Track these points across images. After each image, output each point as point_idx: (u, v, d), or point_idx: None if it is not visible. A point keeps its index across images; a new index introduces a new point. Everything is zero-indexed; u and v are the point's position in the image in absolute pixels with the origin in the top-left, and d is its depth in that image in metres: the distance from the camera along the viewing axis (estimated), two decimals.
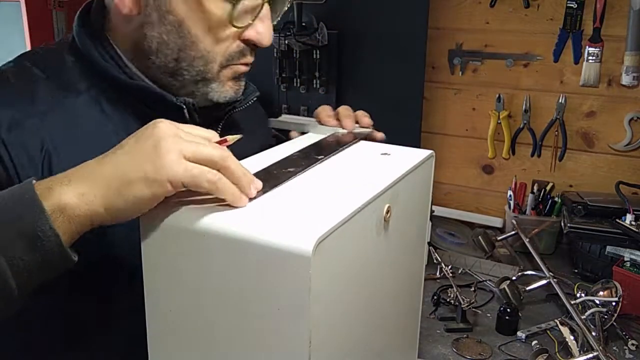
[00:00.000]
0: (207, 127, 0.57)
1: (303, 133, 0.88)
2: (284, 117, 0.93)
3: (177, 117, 0.72)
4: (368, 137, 0.84)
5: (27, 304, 0.55)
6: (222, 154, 0.54)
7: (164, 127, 0.53)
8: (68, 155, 0.66)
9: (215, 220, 0.52)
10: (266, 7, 0.71)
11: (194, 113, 0.74)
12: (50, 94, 0.69)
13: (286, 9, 0.79)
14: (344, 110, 0.89)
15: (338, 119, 0.88)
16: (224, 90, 0.75)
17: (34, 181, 0.52)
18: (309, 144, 0.78)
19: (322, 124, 0.88)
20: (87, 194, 0.52)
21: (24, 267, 0.50)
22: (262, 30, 0.72)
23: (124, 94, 0.72)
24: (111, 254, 0.67)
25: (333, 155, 0.72)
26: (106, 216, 0.53)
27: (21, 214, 0.50)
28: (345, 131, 0.85)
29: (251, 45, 0.74)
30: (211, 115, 0.79)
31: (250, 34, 0.72)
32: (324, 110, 0.90)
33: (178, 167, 0.51)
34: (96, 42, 0.72)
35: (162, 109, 0.71)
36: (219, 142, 0.59)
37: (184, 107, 0.73)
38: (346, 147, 0.76)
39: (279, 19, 0.79)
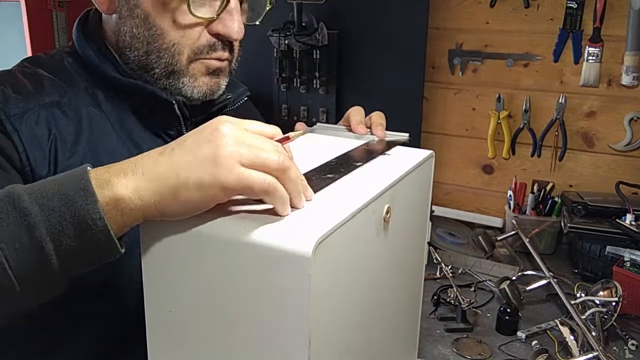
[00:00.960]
0: (197, 126, 0.56)
1: None
2: (320, 125, 0.92)
3: (168, 113, 0.75)
4: (404, 144, 0.83)
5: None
6: (280, 163, 0.52)
7: (225, 131, 0.52)
8: (72, 146, 0.70)
9: (215, 222, 0.52)
10: (234, 1, 0.72)
11: (184, 109, 0.77)
12: (55, 89, 0.73)
13: (268, 8, 0.79)
14: (377, 118, 0.87)
15: (369, 126, 0.87)
16: (196, 85, 0.76)
17: (88, 168, 0.53)
18: (337, 152, 0.77)
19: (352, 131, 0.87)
20: (142, 189, 0.52)
21: (69, 250, 0.51)
22: (230, 24, 0.73)
23: (119, 92, 0.75)
24: None
25: (363, 164, 0.71)
26: (156, 213, 0.53)
27: (74, 199, 0.50)
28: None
29: (224, 40, 0.75)
30: (202, 114, 0.81)
31: (217, 27, 0.73)
32: (355, 116, 0.88)
33: (233, 176, 0.51)
34: (92, 45, 0.76)
35: (154, 105, 0.75)
36: (282, 140, 0.58)
37: (174, 103, 0.75)
38: (377, 156, 0.75)
39: (260, 19, 0.79)
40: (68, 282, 0.54)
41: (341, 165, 0.69)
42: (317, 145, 0.81)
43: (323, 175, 0.64)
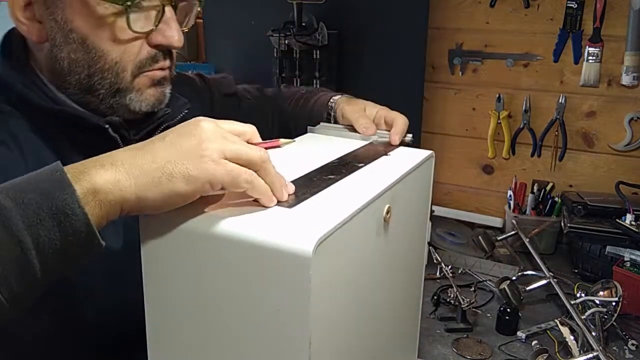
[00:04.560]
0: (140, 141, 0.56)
1: None
2: (323, 125, 0.92)
3: (103, 135, 0.72)
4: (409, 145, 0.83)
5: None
6: (262, 155, 0.55)
7: (207, 126, 0.54)
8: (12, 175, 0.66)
9: (215, 222, 0.52)
10: (169, 10, 0.71)
11: (122, 130, 0.74)
12: None
13: (198, 10, 0.78)
14: (402, 125, 0.86)
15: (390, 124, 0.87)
16: (143, 98, 0.74)
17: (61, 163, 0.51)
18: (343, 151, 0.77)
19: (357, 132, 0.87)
20: (122, 181, 0.51)
21: (49, 246, 0.49)
22: (169, 34, 0.72)
23: (51, 119, 0.71)
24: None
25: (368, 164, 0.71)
26: (136, 205, 0.52)
27: (50, 190, 0.49)
28: (383, 140, 0.85)
29: (163, 50, 0.74)
30: (143, 129, 0.78)
31: (157, 38, 0.72)
32: (360, 120, 0.88)
33: (219, 168, 0.52)
34: (18, 71, 0.72)
35: (88, 130, 0.72)
36: (272, 143, 0.60)
37: (107, 126, 0.72)
38: (379, 157, 0.75)
39: (192, 22, 0.78)
40: (49, 284, 0.52)
41: (343, 166, 0.69)
42: (319, 145, 0.81)
43: (325, 176, 0.64)
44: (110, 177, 0.51)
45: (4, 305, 0.47)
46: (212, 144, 0.52)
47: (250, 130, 0.59)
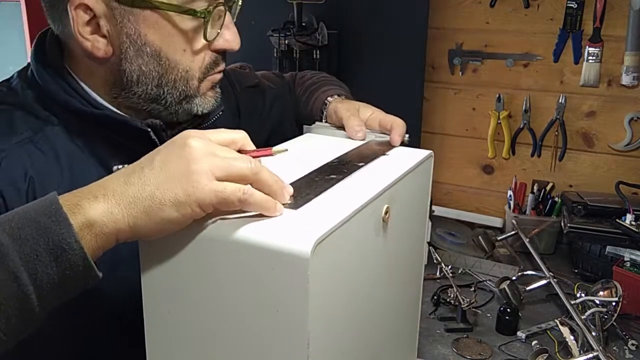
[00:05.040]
0: None
1: None
2: (318, 125, 0.92)
3: (144, 139, 0.72)
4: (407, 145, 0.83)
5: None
6: (253, 167, 0.53)
7: (195, 144, 0.52)
8: (50, 184, 0.67)
9: (214, 223, 0.52)
10: (228, 14, 0.73)
11: (161, 133, 0.74)
12: (27, 124, 0.69)
13: (239, 8, 0.79)
14: (401, 128, 0.85)
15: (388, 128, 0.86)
16: (205, 101, 0.76)
17: (57, 195, 0.51)
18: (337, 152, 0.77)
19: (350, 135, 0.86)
20: (115, 212, 0.51)
21: (46, 281, 0.48)
22: (230, 38, 0.74)
23: (91, 124, 0.71)
24: None
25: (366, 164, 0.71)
26: (130, 235, 0.52)
27: (46, 225, 0.48)
28: (380, 139, 0.84)
29: (223, 53, 0.76)
30: (181, 131, 0.79)
31: (220, 43, 0.73)
32: (351, 120, 0.86)
33: (208, 191, 0.50)
34: (55, 76, 0.71)
35: (128, 134, 0.72)
36: (264, 152, 0.59)
37: (149, 130, 0.72)
38: (378, 156, 0.75)
39: (234, 20, 0.79)
40: (46, 316, 0.52)
41: (343, 166, 0.68)
42: (317, 145, 0.81)
43: (326, 177, 0.64)
44: (103, 209, 0.50)
45: (1, 339, 0.48)
46: (200, 164, 0.51)
47: (240, 137, 0.58)
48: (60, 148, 0.70)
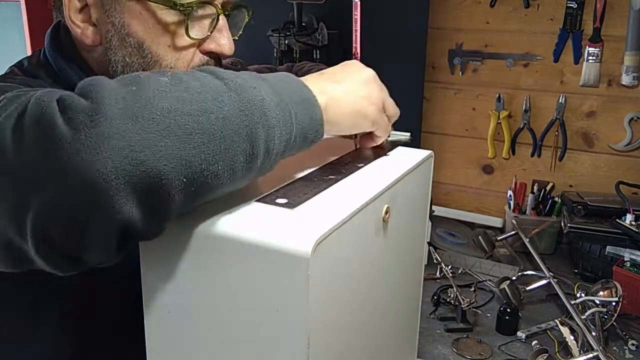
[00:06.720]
0: None
1: None
2: None
3: None
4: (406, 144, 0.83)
5: None
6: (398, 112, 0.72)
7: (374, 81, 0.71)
8: None
9: (214, 222, 0.52)
10: (222, 18, 0.72)
11: None
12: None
13: (246, 21, 0.79)
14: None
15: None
16: None
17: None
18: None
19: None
20: (333, 106, 0.60)
21: (297, 125, 0.55)
22: (222, 42, 0.73)
23: None
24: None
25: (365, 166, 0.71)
26: (328, 128, 0.60)
27: (299, 86, 0.57)
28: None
29: (214, 57, 0.75)
30: None
31: (210, 46, 0.73)
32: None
33: (382, 117, 0.68)
34: (72, 65, 0.72)
35: None
36: None
37: None
38: (378, 157, 0.75)
39: (241, 32, 0.79)
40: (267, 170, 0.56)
41: (343, 167, 0.68)
42: (318, 146, 0.81)
43: (325, 177, 0.64)
44: (336, 91, 0.62)
45: (223, 185, 0.50)
46: (383, 101, 0.70)
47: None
48: None
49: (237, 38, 0.78)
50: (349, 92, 0.63)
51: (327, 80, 0.63)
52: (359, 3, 0.81)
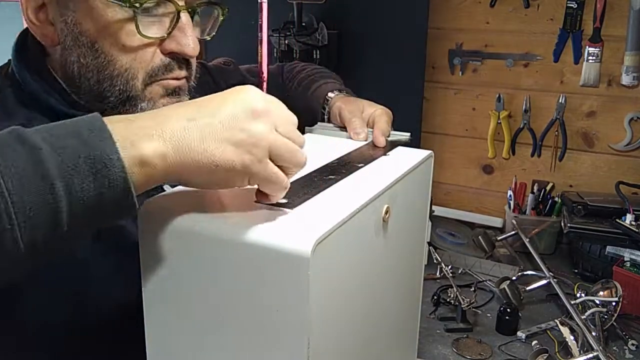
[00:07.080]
0: None
1: None
2: (321, 125, 0.92)
3: None
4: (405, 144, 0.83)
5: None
6: (304, 162, 0.53)
7: (262, 112, 0.51)
8: None
9: (214, 222, 0.52)
10: (185, 16, 0.68)
11: None
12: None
13: (222, 19, 0.75)
14: (383, 124, 0.84)
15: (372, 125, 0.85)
16: (155, 108, 0.70)
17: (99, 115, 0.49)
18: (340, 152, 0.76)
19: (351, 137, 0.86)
20: (169, 156, 0.48)
21: (81, 196, 0.45)
22: (184, 41, 0.69)
23: None
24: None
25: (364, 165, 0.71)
26: (179, 180, 0.51)
27: (88, 138, 0.45)
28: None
29: (179, 59, 0.71)
30: None
31: (170, 45, 0.69)
32: (352, 122, 0.85)
33: (264, 171, 0.50)
34: (34, 74, 0.70)
35: None
36: None
37: None
38: (378, 157, 0.75)
39: (213, 32, 0.75)
40: (68, 244, 0.49)
41: (343, 167, 0.69)
42: (318, 145, 0.81)
43: (325, 177, 0.64)
44: (159, 150, 0.48)
45: (19, 250, 0.44)
46: (265, 140, 0.51)
47: (294, 119, 0.55)
48: None
49: (208, 38, 0.75)
50: (201, 136, 0.49)
51: (172, 118, 0.50)
52: (264, 24, 0.75)
